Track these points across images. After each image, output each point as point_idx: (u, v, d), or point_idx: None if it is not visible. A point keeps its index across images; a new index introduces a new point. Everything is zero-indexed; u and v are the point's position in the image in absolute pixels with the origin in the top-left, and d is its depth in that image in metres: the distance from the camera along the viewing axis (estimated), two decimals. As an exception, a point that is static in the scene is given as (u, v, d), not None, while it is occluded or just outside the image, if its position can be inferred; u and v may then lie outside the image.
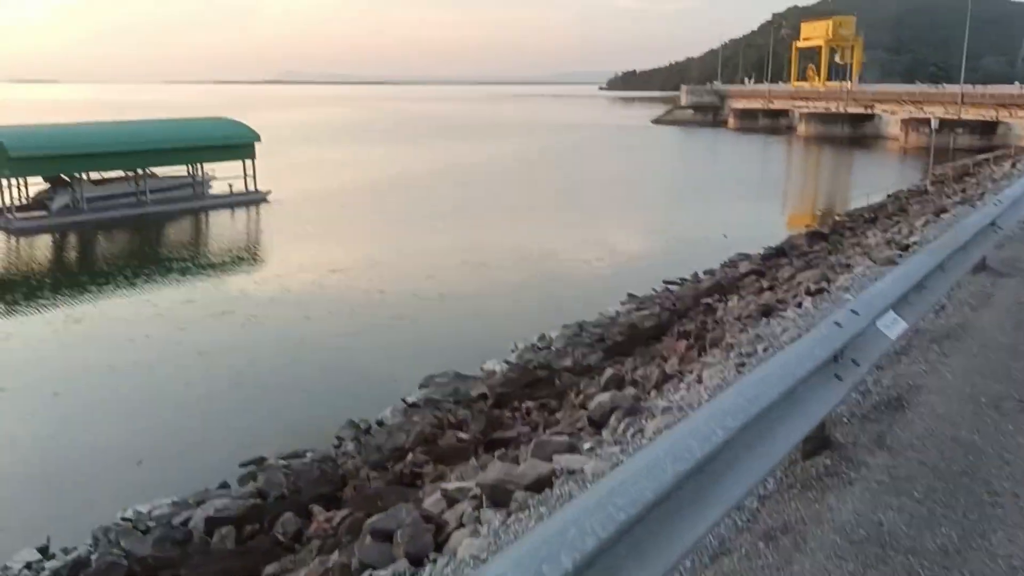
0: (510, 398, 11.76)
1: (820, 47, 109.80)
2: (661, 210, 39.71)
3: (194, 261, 28.39)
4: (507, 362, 16.48)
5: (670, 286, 23.42)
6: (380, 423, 13.62)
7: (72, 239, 32.52)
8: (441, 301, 22.90)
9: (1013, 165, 33.37)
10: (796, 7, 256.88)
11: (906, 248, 10.16)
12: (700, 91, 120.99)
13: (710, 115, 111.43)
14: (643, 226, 34.82)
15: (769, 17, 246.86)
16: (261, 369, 17.18)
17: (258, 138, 40.08)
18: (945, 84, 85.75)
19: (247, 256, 29.63)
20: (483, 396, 12.40)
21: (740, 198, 44.53)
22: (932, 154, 42.93)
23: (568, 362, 13.93)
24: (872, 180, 50.25)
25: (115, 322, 20.90)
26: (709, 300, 15.29)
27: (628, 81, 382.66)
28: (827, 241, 23.12)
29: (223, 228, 35.65)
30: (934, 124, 43.08)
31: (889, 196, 35.59)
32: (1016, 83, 76.51)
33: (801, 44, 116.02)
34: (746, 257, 25.34)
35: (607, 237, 32.03)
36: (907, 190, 36.09)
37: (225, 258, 29.39)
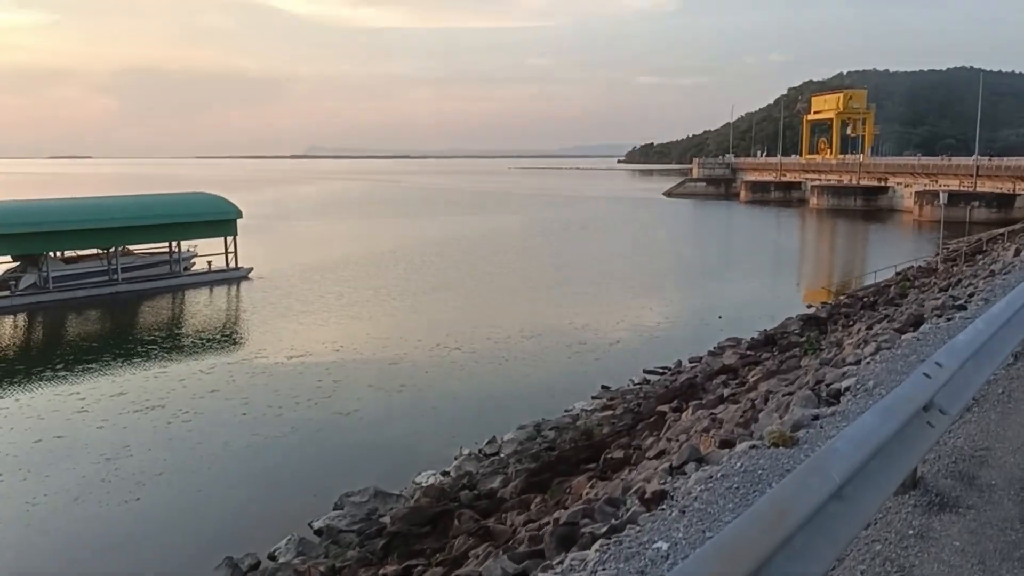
0: (405, 540, 9.73)
1: (831, 120, 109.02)
2: (660, 288, 37.84)
3: (153, 344, 26.76)
4: (443, 473, 14.49)
5: (649, 376, 21.48)
6: (272, 557, 11.56)
7: (29, 320, 31.05)
8: (399, 392, 21.03)
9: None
10: (811, 81, 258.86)
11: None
12: (712, 164, 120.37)
13: (722, 187, 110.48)
14: (639, 306, 32.89)
15: (785, 92, 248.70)
16: (156, 479, 15.26)
17: (240, 214, 38.95)
18: (954, 157, 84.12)
19: (205, 340, 27.93)
20: (381, 531, 10.36)
21: (746, 275, 42.64)
22: (942, 229, 40.87)
23: (493, 484, 11.88)
24: (885, 255, 48.26)
25: (30, 412, 19.17)
26: (666, 408, 13.29)
27: (646, 154, 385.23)
28: (823, 327, 21.07)
29: (195, 307, 34.13)
30: (942, 199, 41.14)
31: (897, 273, 33.52)
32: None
33: (812, 117, 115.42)
34: (736, 342, 23.35)
35: (599, 318, 30.13)
36: (917, 267, 34.01)
37: (188, 340, 27.79)
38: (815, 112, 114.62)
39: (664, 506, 5.06)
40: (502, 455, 15.27)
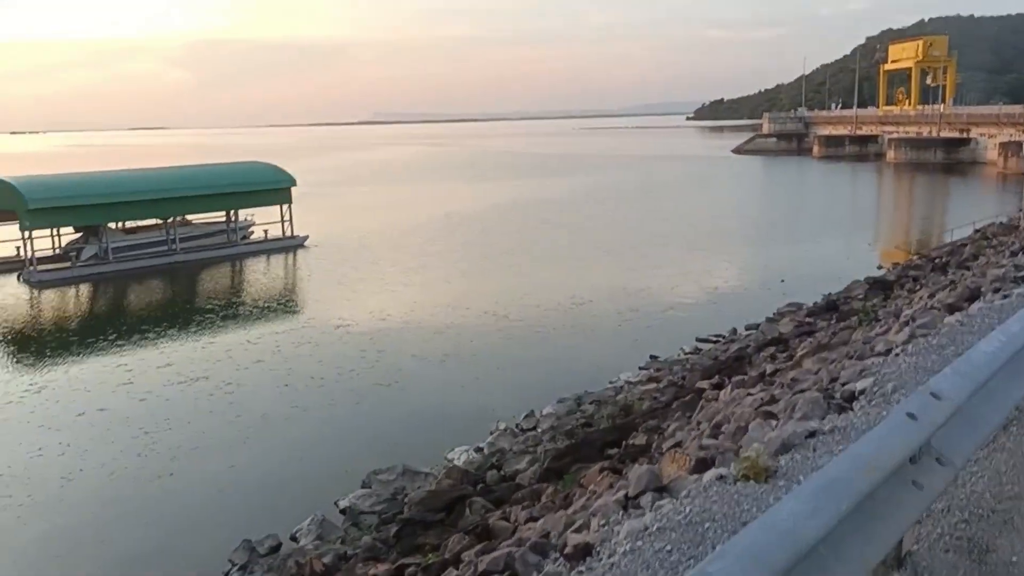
0: (414, 529, 9.22)
1: (910, 69, 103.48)
2: (722, 251, 36.40)
3: (204, 314, 26.93)
4: (477, 449, 13.98)
5: (702, 345, 20.53)
6: (294, 538, 11.24)
7: (88, 291, 31.67)
8: (442, 363, 20.60)
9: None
10: (890, 29, 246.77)
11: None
12: (783, 118, 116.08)
13: (794, 143, 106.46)
14: (698, 269, 31.67)
15: (863, 41, 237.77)
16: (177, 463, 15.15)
17: (294, 182, 38.91)
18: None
19: (256, 309, 27.95)
20: (397, 515, 9.89)
21: (815, 234, 40.80)
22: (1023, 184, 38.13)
23: (519, 465, 11.29)
24: (965, 212, 45.53)
25: (78, 385, 19.38)
26: (706, 384, 12.39)
27: (715, 110, 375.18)
28: (889, 290, 19.71)
29: (250, 276, 34.31)
30: (1027, 149, 38.24)
31: (976, 231, 31.43)
32: None
33: (890, 67, 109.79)
34: (797, 308, 22.16)
35: (655, 283, 29.14)
36: (998, 224, 31.80)
37: (239, 310, 27.87)
38: (893, 61, 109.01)
39: (583, 568, 4.23)
40: (539, 430, 14.67)
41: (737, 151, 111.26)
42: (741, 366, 13.68)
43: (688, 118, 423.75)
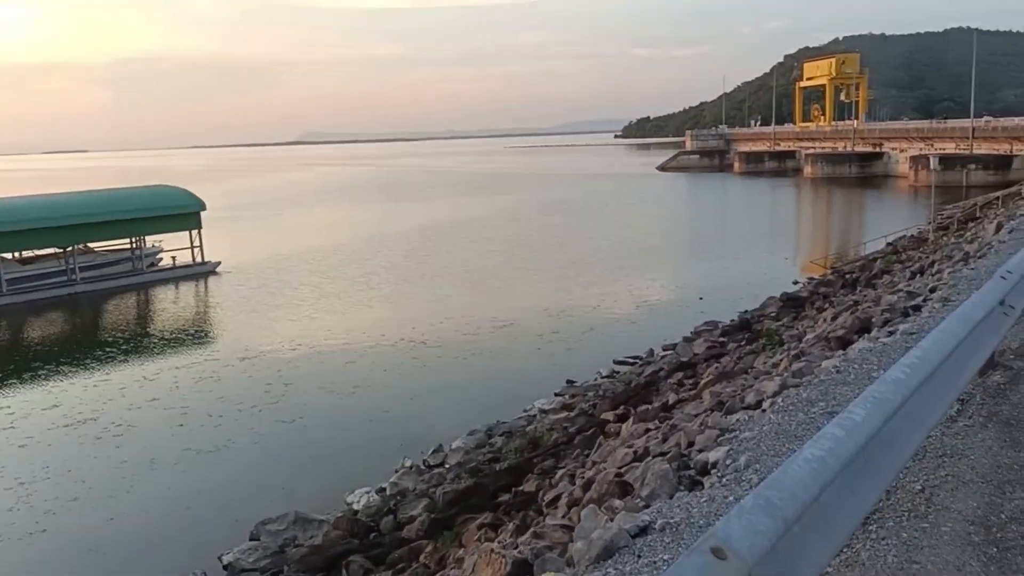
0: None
1: (824, 86, 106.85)
2: (643, 269, 36.34)
3: (98, 349, 25.42)
4: (380, 490, 13.21)
5: (619, 367, 20.16)
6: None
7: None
8: (351, 395, 19.72)
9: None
10: (807, 48, 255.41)
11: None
12: (705, 135, 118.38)
13: (716, 159, 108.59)
14: (619, 288, 31.46)
15: (781, 60, 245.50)
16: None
17: (203, 206, 37.48)
18: (949, 119, 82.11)
19: (155, 343, 26.56)
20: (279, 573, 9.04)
21: (735, 250, 41.17)
22: (933, 196, 39.27)
23: (415, 511, 10.57)
24: (879, 224, 46.72)
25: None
26: (611, 416, 11.93)
27: (642, 128, 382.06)
28: (801, 308, 19.71)
29: (154, 307, 32.75)
30: (933, 163, 39.49)
31: (888, 244, 32.12)
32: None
33: (805, 84, 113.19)
34: (713, 327, 21.98)
35: (575, 303, 28.78)
36: (909, 237, 32.55)
37: (136, 344, 26.38)
38: (808, 79, 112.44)
39: None
40: (446, 466, 13.98)
41: (662, 168, 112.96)
42: (648, 394, 13.27)
43: (616, 136, 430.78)
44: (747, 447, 4.73)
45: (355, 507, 12.60)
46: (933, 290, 8.85)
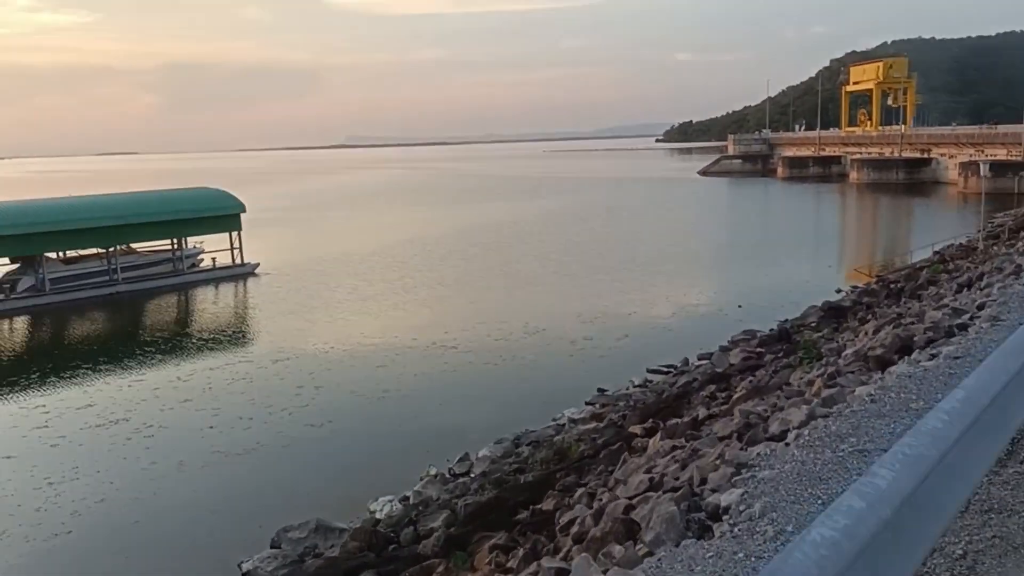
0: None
1: (871, 90, 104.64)
2: (682, 275, 35.76)
3: (136, 349, 25.69)
4: (403, 499, 13.01)
5: (652, 376, 19.76)
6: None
7: (23, 324, 30.26)
8: (381, 399, 19.58)
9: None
10: (854, 52, 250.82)
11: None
12: (748, 140, 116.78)
13: (759, 164, 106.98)
14: (657, 295, 31.00)
15: (827, 64, 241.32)
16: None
17: (243, 208, 37.81)
18: (1000, 125, 79.71)
19: (191, 343, 26.78)
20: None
21: (777, 257, 40.35)
22: (983, 204, 38.03)
23: (435, 523, 10.32)
24: (926, 232, 45.50)
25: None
26: (639, 429, 11.55)
27: (685, 132, 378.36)
28: (843, 318, 19.09)
29: (192, 307, 33.10)
30: (984, 170, 38.24)
31: (936, 253, 31.17)
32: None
33: (851, 88, 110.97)
34: (751, 336, 21.45)
35: (611, 309, 28.36)
36: (957, 246, 31.56)
37: (174, 344, 26.63)
38: (854, 83, 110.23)
39: None
40: (472, 474, 13.74)
41: (703, 173, 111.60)
42: (679, 407, 12.87)
43: (658, 140, 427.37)
44: (764, 490, 4.30)
45: (378, 515, 12.42)
46: (981, 307, 8.35)
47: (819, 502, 3.99)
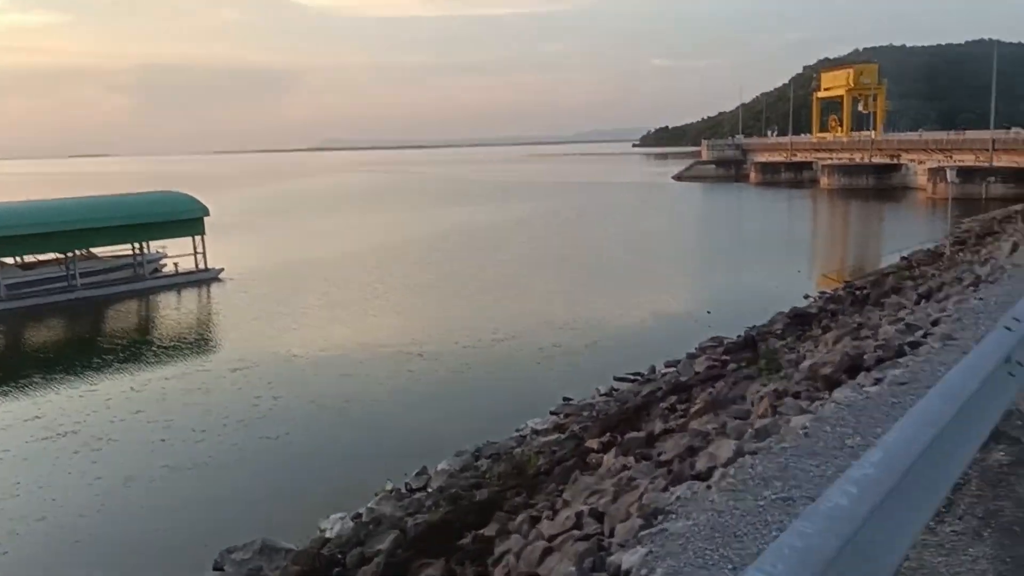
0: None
1: (842, 97, 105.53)
2: (653, 280, 35.58)
3: (91, 358, 24.97)
4: (356, 516, 12.57)
5: (619, 384, 19.44)
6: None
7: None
8: (343, 409, 19.08)
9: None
10: (826, 59, 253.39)
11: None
12: (721, 145, 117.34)
13: (732, 169, 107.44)
14: (626, 300, 30.75)
15: (800, 70, 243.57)
16: None
17: (206, 212, 37.10)
18: (968, 131, 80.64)
19: (148, 352, 26.01)
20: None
21: (748, 262, 40.32)
22: (950, 210, 38.25)
23: (382, 545, 9.90)
24: (895, 238, 45.84)
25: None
26: (595, 443, 11.23)
27: (661, 137, 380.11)
28: (807, 325, 18.93)
29: (152, 314, 32.39)
30: (951, 176, 38.46)
31: (903, 259, 31.25)
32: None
33: (822, 94, 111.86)
34: (718, 343, 21.23)
35: (581, 315, 28.05)
36: (924, 251, 31.66)
37: (129, 353, 25.81)
38: (826, 89, 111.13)
39: None
40: (429, 489, 13.34)
41: (678, 178, 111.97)
42: (639, 418, 12.57)
43: (634, 145, 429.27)
44: (671, 549, 3.88)
45: (328, 534, 11.97)
46: (935, 323, 8.10)
47: (730, 567, 3.61)
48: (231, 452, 16.43)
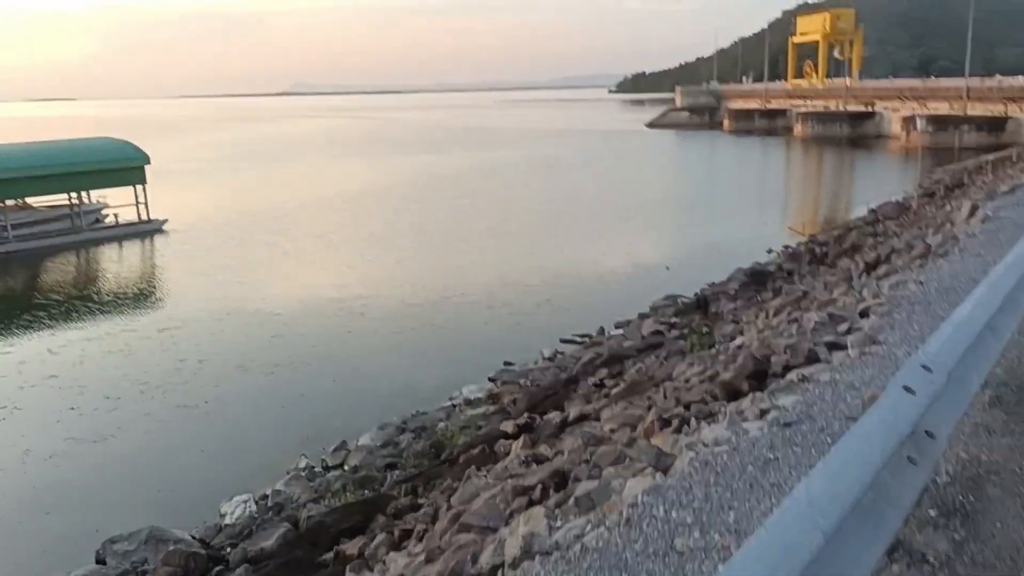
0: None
1: (818, 42, 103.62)
2: (616, 232, 34.39)
3: (10, 316, 23.52)
4: (262, 498, 11.53)
5: (564, 347, 18.44)
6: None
7: None
8: (271, 374, 17.91)
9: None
10: (806, 3, 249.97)
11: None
12: (696, 92, 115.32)
13: (706, 117, 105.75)
14: (585, 254, 29.67)
15: (779, 15, 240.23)
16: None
17: (147, 160, 35.24)
18: (942, 78, 79.56)
19: (73, 309, 24.45)
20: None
21: (715, 214, 39.35)
22: (920, 161, 37.31)
23: (267, 542, 8.84)
24: (866, 187, 44.94)
25: None
26: (510, 426, 10.15)
27: (638, 83, 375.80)
28: (762, 285, 17.97)
29: (86, 268, 30.81)
30: (920, 124, 37.38)
31: (871, 211, 30.34)
32: (1021, 76, 70.34)
33: (798, 40, 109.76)
34: (672, 302, 20.24)
35: (536, 270, 26.89)
36: (893, 203, 30.74)
37: (53, 310, 24.27)
38: (801, 34, 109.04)
39: None
40: (347, 467, 12.31)
41: (651, 125, 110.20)
42: (567, 393, 11.54)
43: (611, 91, 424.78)
44: None
45: (227, 520, 10.92)
46: (865, 313, 6.98)
47: None
48: (143, 422, 15.26)
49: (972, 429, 4.04)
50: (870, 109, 79.09)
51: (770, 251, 27.30)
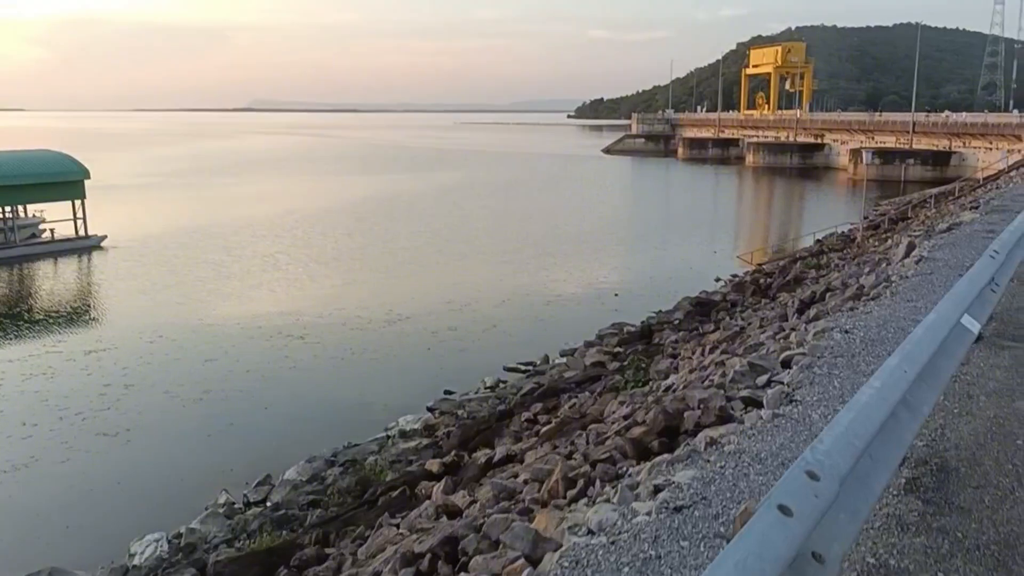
0: None
1: (770, 74, 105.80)
2: (567, 258, 34.13)
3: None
4: (175, 537, 10.87)
5: (507, 376, 18.08)
6: None
7: None
8: (200, 401, 17.18)
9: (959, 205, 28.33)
10: (760, 36, 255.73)
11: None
12: (651, 119, 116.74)
13: (661, 144, 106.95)
14: (535, 280, 29.35)
15: (734, 47, 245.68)
16: None
17: (86, 174, 34.20)
18: (887, 113, 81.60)
19: (9, 327, 23.59)
20: None
21: (666, 242, 39.44)
22: (864, 193, 37.94)
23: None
24: (813, 218, 45.54)
25: None
26: (435, 465, 9.70)
27: (596, 109, 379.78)
28: (707, 315, 17.82)
29: (21, 284, 29.62)
30: (867, 158, 38.11)
31: (817, 242, 30.70)
32: (965, 112, 72.50)
33: (751, 71, 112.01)
34: (618, 330, 20.01)
35: (485, 296, 26.54)
36: (838, 235, 31.13)
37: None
38: (754, 66, 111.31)
39: None
40: (269, 503, 11.73)
41: (607, 151, 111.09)
42: (500, 428, 11.15)
43: (569, 116, 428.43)
44: None
45: (136, 561, 10.27)
46: (787, 363, 6.73)
47: None
48: (58, 451, 14.46)
49: (883, 523, 3.63)
50: (820, 141, 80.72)
51: (718, 279, 27.37)
